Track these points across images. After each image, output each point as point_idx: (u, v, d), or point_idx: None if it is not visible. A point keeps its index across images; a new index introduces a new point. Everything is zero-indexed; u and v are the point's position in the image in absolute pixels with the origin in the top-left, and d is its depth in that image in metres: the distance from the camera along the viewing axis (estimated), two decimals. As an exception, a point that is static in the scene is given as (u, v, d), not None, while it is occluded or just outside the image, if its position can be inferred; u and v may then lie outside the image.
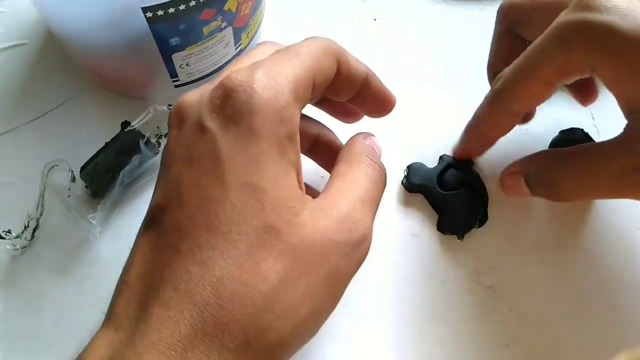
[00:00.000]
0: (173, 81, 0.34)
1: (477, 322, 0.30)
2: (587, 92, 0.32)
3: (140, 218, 0.22)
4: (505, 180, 0.31)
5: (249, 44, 0.36)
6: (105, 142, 0.32)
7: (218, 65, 0.35)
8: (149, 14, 0.28)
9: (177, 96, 0.23)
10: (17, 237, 0.31)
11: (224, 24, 0.32)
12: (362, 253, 0.22)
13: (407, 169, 0.33)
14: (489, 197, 0.32)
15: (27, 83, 0.37)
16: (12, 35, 0.38)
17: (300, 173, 0.22)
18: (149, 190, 0.33)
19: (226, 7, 0.31)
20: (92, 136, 0.34)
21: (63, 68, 0.37)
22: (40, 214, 0.31)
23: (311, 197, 0.22)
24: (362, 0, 0.40)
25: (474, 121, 0.31)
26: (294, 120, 0.21)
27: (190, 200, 0.20)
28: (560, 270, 0.31)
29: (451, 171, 0.33)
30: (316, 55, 0.22)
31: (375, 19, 0.40)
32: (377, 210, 0.23)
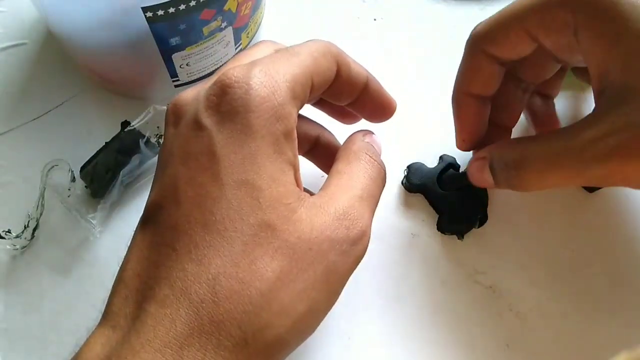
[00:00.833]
0: (173, 81, 0.34)
1: (477, 322, 0.30)
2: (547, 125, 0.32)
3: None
4: (470, 167, 0.29)
5: (248, 43, 0.36)
6: (105, 142, 0.32)
7: (218, 65, 0.35)
8: (149, 14, 0.28)
9: (177, 96, 0.23)
10: (17, 237, 0.31)
11: (224, 24, 0.32)
12: (360, 250, 0.22)
13: (407, 169, 0.33)
14: (489, 197, 0.32)
15: (27, 83, 0.37)
16: (12, 35, 0.38)
17: (298, 171, 0.22)
18: (149, 190, 0.33)
19: (226, 7, 0.31)
20: (92, 136, 0.34)
21: (63, 68, 0.37)
22: (40, 214, 0.31)
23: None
24: (362, 0, 0.40)
25: (456, 80, 0.29)
26: (291, 118, 0.21)
27: (186, 198, 0.20)
28: (560, 270, 0.31)
29: (451, 171, 0.33)
30: (315, 57, 0.22)
31: (375, 19, 0.40)
32: (376, 208, 0.23)
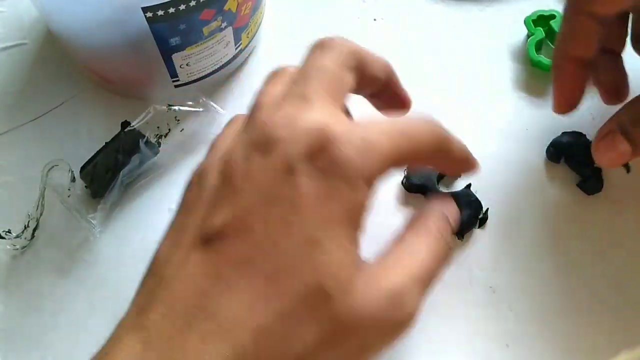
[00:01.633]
0: (173, 81, 0.34)
1: (477, 322, 0.30)
2: (616, 90, 0.31)
3: (140, 218, 0.21)
4: (599, 147, 0.28)
5: (248, 43, 0.36)
6: (105, 142, 0.32)
7: (218, 65, 0.35)
8: (149, 14, 0.28)
9: (177, 96, 0.22)
10: (17, 237, 0.31)
11: (224, 24, 0.32)
12: (400, 332, 0.21)
13: (407, 168, 0.33)
14: (491, 198, 0.32)
15: (27, 83, 0.37)
16: (12, 35, 0.38)
17: (361, 237, 0.21)
18: (149, 190, 0.33)
19: (226, 7, 0.31)
20: (92, 136, 0.34)
21: (63, 68, 0.37)
22: (40, 214, 0.31)
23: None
24: (362, 0, 0.40)
25: (556, 45, 0.29)
26: (373, 192, 0.21)
27: (255, 240, 0.19)
28: (560, 270, 0.31)
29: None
30: (413, 142, 0.22)
31: (375, 19, 0.40)
32: (431, 289, 0.22)
